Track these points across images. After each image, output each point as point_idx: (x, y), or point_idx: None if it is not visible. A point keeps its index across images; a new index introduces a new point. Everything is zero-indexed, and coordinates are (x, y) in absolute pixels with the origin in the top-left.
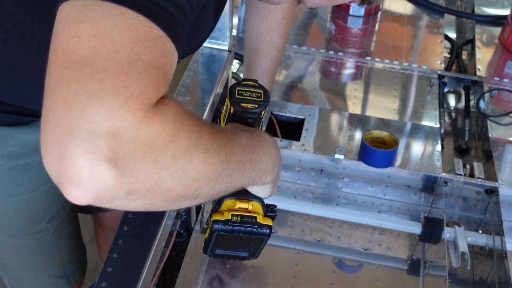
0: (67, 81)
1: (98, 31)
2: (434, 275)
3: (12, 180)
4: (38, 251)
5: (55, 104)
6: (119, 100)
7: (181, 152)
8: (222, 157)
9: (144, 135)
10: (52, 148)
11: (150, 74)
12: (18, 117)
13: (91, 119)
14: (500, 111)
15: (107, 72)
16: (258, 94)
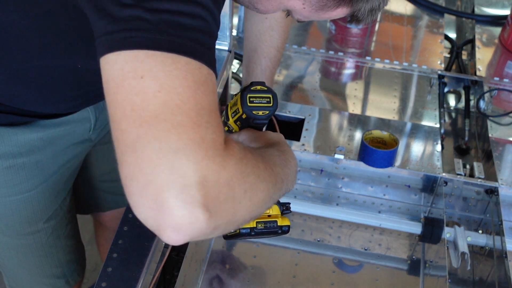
0: (147, 140)
1: (162, 86)
2: (434, 275)
3: (9, 179)
4: (36, 251)
5: (140, 162)
6: (200, 152)
7: (250, 186)
8: (273, 181)
9: (224, 178)
10: (147, 201)
11: (214, 119)
12: (15, 117)
13: (182, 173)
14: (500, 111)
15: (182, 126)
16: (268, 99)
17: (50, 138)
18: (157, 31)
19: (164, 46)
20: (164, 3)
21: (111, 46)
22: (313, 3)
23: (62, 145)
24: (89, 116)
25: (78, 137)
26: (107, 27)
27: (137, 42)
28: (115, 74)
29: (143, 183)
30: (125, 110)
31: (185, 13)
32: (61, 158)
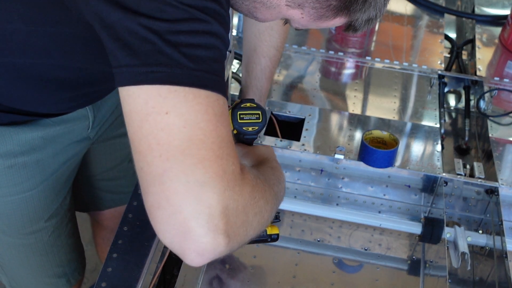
0: (174, 173)
1: (186, 122)
2: (434, 275)
3: (10, 179)
4: (37, 250)
5: (167, 193)
6: (223, 183)
7: (259, 209)
8: (274, 201)
9: (241, 205)
10: (174, 229)
11: (231, 149)
12: (16, 117)
13: (208, 205)
14: (500, 111)
15: (206, 160)
16: (257, 115)
17: (51, 136)
18: (177, 66)
19: (184, 80)
20: (181, 36)
21: (133, 80)
22: (312, 13)
23: (62, 143)
24: (88, 114)
25: (77, 136)
26: (127, 59)
27: (159, 78)
28: (139, 108)
29: (170, 212)
30: (151, 143)
31: (201, 45)
32: (61, 156)
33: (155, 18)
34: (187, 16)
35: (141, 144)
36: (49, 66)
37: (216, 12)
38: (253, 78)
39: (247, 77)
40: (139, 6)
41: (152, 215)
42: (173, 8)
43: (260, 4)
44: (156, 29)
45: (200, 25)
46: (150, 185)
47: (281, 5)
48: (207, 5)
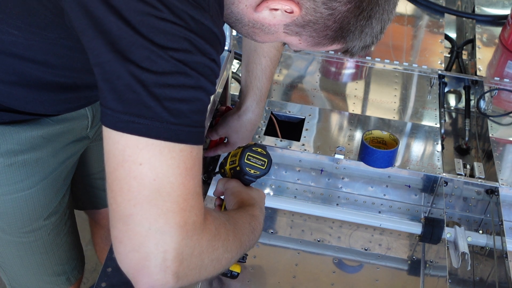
0: (138, 219)
1: (157, 175)
2: (434, 275)
3: (10, 177)
4: (37, 248)
5: (130, 234)
6: (182, 233)
7: (216, 257)
8: (237, 250)
9: (197, 252)
10: (132, 263)
11: (197, 201)
12: (16, 116)
13: (164, 250)
14: (500, 111)
15: (170, 212)
16: (263, 162)
17: (50, 135)
18: (158, 119)
19: (162, 135)
20: (166, 90)
21: (115, 125)
22: (309, 40)
23: (61, 142)
24: (87, 114)
25: (77, 135)
26: (112, 103)
27: (138, 129)
28: (117, 153)
29: (130, 249)
30: (123, 188)
31: (185, 99)
32: (61, 155)
33: (143, 68)
34: (175, 70)
35: (114, 184)
36: (48, 73)
37: (206, 66)
38: (253, 78)
39: (248, 77)
40: (130, 53)
41: (114, 246)
42: (163, 61)
43: (259, 30)
44: (143, 79)
45: (187, 79)
46: (116, 221)
47: (279, 32)
48: (197, 60)
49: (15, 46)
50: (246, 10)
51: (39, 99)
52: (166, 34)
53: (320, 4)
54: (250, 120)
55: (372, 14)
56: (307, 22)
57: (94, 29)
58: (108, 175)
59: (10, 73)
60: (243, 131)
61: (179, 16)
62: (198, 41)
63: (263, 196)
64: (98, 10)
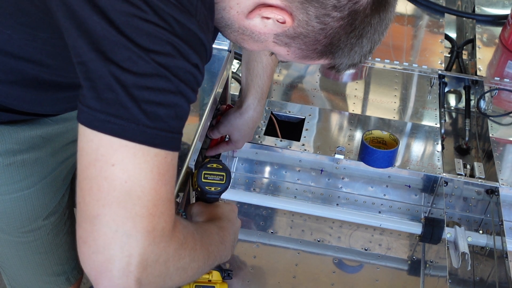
0: (105, 220)
1: (129, 177)
2: (434, 276)
3: (9, 177)
4: (36, 248)
5: (95, 234)
6: (149, 239)
7: (182, 265)
8: (205, 261)
9: (162, 259)
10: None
11: (167, 208)
12: (15, 116)
13: (128, 254)
14: (500, 111)
15: (138, 216)
16: (221, 176)
17: (49, 135)
18: (134, 121)
19: (137, 138)
20: (145, 92)
21: (91, 123)
22: (297, 52)
23: (60, 142)
24: None
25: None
26: (91, 101)
27: (113, 129)
28: (90, 151)
29: (94, 250)
30: (92, 187)
31: (163, 103)
32: (60, 155)
33: (124, 69)
34: (155, 73)
35: (84, 182)
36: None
37: (188, 72)
38: (254, 76)
39: (248, 75)
40: (112, 53)
41: (78, 246)
42: (144, 62)
43: (248, 37)
44: (122, 79)
45: (167, 84)
46: (82, 220)
47: (268, 41)
48: (179, 65)
49: (10, 45)
50: (237, 17)
51: (37, 99)
52: (149, 36)
53: (313, 18)
54: (251, 117)
55: (364, 33)
56: (298, 34)
57: (77, 28)
58: (79, 173)
59: (7, 72)
60: (244, 129)
61: (164, 19)
62: (182, 46)
63: (233, 208)
64: (83, 10)
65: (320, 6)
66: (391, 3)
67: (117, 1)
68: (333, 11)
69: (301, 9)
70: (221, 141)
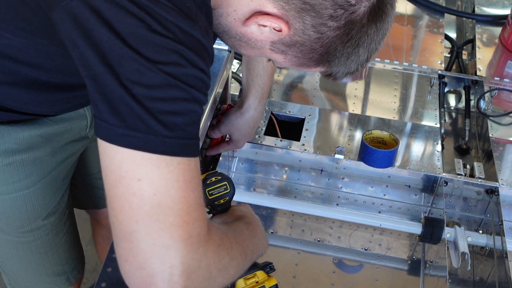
0: (142, 235)
1: (157, 190)
2: (434, 275)
3: (8, 176)
4: (36, 248)
5: (135, 251)
6: (187, 247)
7: (223, 266)
8: (243, 257)
9: (204, 264)
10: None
11: (199, 213)
12: (14, 115)
13: (170, 266)
14: (500, 111)
15: (173, 226)
16: (224, 186)
17: (49, 135)
18: (153, 133)
19: (158, 149)
20: (157, 103)
21: (110, 138)
22: (294, 60)
23: (60, 142)
24: (86, 114)
25: (76, 135)
26: (107, 115)
27: (133, 143)
28: (114, 169)
29: (136, 267)
30: (123, 205)
31: (178, 112)
32: (59, 155)
33: (134, 82)
34: (166, 83)
35: (114, 201)
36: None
37: (197, 78)
38: (255, 76)
39: (249, 74)
40: (120, 65)
41: (120, 265)
42: (153, 74)
43: (245, 44)
44: (134, 92)
45: (178, 92)
46: (120, 239)
47: (265, 48)
48: (187, 72)
49: (9, 48)
50: (234, 23)
51: (36, 100)
52: (155, 47)
53: (309, 27)
54: (252, 117)
55: (360, 43)
56: (294, 42)
57: (84, 40)
58: (107, 192)
59: (6, 74)
60: (245, 129)
61: (167, 28)
62: (188, 53)
63: (248, 207)
64: (89, 22)
65: (316, 15)
66: (388, 13)
67: (120, 13)
68: (330, 20)
69: (297, 18)
70: (222, 140)
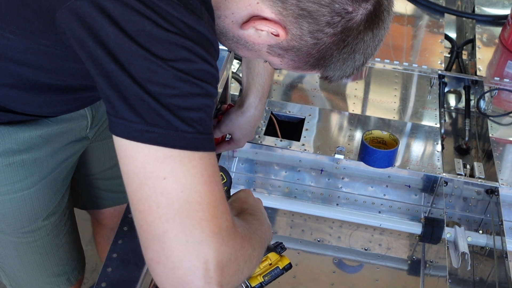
0: (174, 234)
1: (183, 186)
2: (434, 275)
3: (9, 177)
4: (36, 249)
5: (167, 251)
6: (219, 240)
7: (248, 256)
8: (260, 245)
9: (233, 256)
10: (174, 282)
11: (225, 206)
12: (14, 116)
13: (205, 261)
14: (500, 111)
15: (204, 221)
16: (221, 177)
17: (49, 136)
18: (172, 128)
19: (179, 143)
20: (175, 100)
21: (130, 135)
22: (290, 63)
23: (60, 142)
24: (86, 114)
25: (76, 135)
26: (125, 113)
27: (153, 138)
28: (137, 171)
29: (170, 268)
30: (151, 206)
31: (193, 107)
32: (60, 155)
33: (145, 79)
34: (178, 79)
35: (140, 204)
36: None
37: (207, 73)
38: (255, 74)
39: (249, 74)
40: (130, 64)
41: (152, 268)
42: (164, 71)
43: (242, 46)
44: (149, 89)
45: (192, 88)
46: (150, 242)
47: (262, 50)
48: (198, 67)
49: (10, 49)
50: (231, 26)
51: (36, 101)
52: (163, 44)
53: (306, 33)
54: (253, 116)
55: (357, 49)
56: (291, 47)
57: (92, 40)
58: (131, 196)
59: (6, 75)
60: (246, 127)
61: (175, 24)
62: (196, 48)
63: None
64: (95, 21)
65: (313, 22)
66: (385, 20)
67: (126, 11)
68: (327, 27)
69: (294, 23)
70: (222, 140)
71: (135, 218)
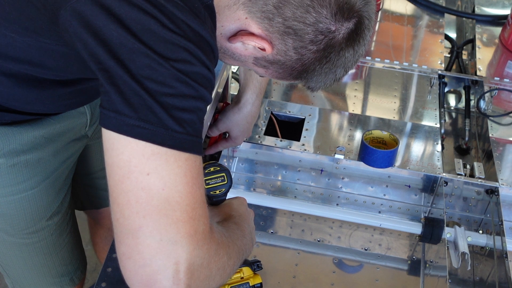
0: (149, 230)
1: (165, 184)
2: (434, 275)
3: (13, 178)
4: (40, 249)
5: (140, 248)
6: (193, 243)
7: (222, 265)
8: (237, 255)
9: (206, 262)
10: (142, 279)
11: (204, 210)
12: (18, 116)
13: (176, 262)
14: (500, 111)
15: (180, 221)
16: (222, 177)
17: (52, 135)
18: (163, 126)
19: (167, 142)
20: (170, 99)
21: (119, 128)
22: (274, 74)
23: (62, 141)
24: (85, 112)
25: (76, 133)
26: (120, 106)
27: (143, 134)
28: (122, 164)
29: (140, 264)
30: (130, 200)
31: (187, 108)
32: (62, 155)
33: (144, 76)
34: (176, 79)
35: (120, 197)
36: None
37: (204, 77)
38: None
39: (246, 70)
40: (130, 60)
41: (122, 263)
42: (164, 69)
43: (228, 56)
44: (146, 86)
45: (188, 89)
46: (124, 236)
47: (248, 61)
48: (196, 70)
49: (12, 49)
50: (219, 38)
51: (39, 98)
52: (166, 43)
53: (291, 49)
54: (250, 112)
55: (338, 64)
56: (276, 60)
57: (94, 38)
58: (112, 189)
59: (7, 75)
60: (243, 124)
61: (179, 26)
62: (197, 51)
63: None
64: (98, 19)
65: (298, 39)
66: (365, 38)
67: (132, 10)
68: (310, 44)
69: (280, 39)
70: (220, 139)
71: (112, 211)
